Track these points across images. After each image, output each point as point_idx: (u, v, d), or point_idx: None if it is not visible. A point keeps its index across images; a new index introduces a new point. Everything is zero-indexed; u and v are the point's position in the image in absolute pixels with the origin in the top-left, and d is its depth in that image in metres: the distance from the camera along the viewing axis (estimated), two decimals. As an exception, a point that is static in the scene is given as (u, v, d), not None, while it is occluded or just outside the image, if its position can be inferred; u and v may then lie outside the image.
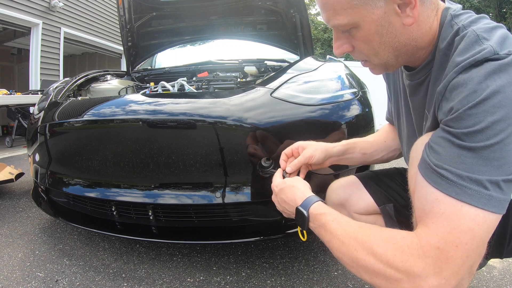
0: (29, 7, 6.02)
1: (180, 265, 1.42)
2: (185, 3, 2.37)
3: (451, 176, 0.50)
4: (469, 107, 0.50)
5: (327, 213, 0.66)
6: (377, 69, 0.69)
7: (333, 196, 1.02)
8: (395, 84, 0.87)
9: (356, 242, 0.57)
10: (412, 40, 0.62)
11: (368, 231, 0.58)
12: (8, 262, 1.44)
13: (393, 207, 0.91)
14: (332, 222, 0.63)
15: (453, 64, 0.56)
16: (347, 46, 0.66)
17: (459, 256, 0.49)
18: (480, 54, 0.52)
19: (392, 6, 0.58)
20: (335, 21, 0.61)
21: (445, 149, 0.52)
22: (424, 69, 0.68)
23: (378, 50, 0.63)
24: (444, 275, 0.49)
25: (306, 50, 2.19)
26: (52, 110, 1.57)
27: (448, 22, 0.62)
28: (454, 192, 0.50)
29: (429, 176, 0.54)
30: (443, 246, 0.49)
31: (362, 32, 0.61)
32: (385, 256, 0.53)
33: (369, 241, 0.56)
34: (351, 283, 1.27)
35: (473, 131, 0.49)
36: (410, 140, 0.84)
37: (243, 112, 1.21)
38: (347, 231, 0.59)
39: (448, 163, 0.51)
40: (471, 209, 0.49)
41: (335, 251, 0.61)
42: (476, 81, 0.50)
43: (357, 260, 0.56)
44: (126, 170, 1.32)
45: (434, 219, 0.51)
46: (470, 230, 0.49)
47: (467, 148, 0.50)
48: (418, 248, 0.51)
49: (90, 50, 8.65)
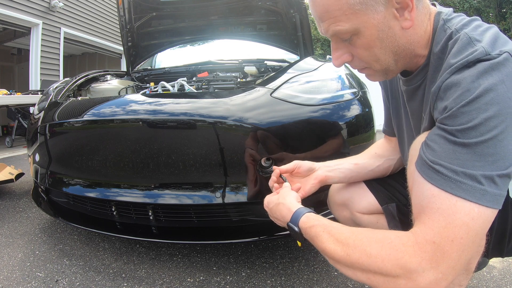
0: (29, 7, 6.02)
1: (180, 265, 1.42)
2: (185, 3, 2.37)
3: (446, 172, 0.52)
4: (463, 105, 0.51)
5: (317, 225, 0.66)
6: (377, 75, 0.69)
7: (335, 195, 1.02)
8: (393, 92, 0.88)
9: (349, 247, 0.58)
10: (410, 43, 0.64)
11: (360, 235, 0.59)
12: (8, 262, 1.44)
13: (395, 206, 0.91)
14: (323, 233, 0.63)
15: (447, 66, 0.57)
16: (347, 56, 0.67)
17: (455, 251, 0.50)
18: (472, 55, 0.54)
19: (391, 10, 0.59)
20: (337, 28, 0.61)
21: (440, 146, 0.53)
22: (419, 73, 0.69)
23: (379, 55, 0.64)
24: (440, 269, 0.50)
25: (306, 50, 2.20)
26: (52, 110, 1.57)
27: (441, 27, 0.63)
28: (449, 187, 0.51)
29: (425, 172, 0.55)
30: (438, 241, 0.50)
31: (363, 39, 0.62)
32: (379, 256, 0.53)
33: (361, 244, 0.57)
34: (351, 283, 1.27)
35: (466, 128, 0.51)
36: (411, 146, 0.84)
37: (244, 112, 1.21)
38: (339, 239, 0.60)
39: (443, 159, 0.52)
40: (466, 203, 0.50)
41: (331, 260, 0.62)
42: (469, 81, 0.52)
43: (352, 264, 0.57)
44: (126, 170, 1.32)
45: (430, 214, 0.52)
46: (465, 225, 0.50)
47: (461, 144, 0.51)
48: (414, 244, 0.52)
49: (90, 50, 8.65)
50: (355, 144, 1.31)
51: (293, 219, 0.71)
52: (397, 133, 0.92)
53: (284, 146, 1.21)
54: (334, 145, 1.27)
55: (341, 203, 1.00)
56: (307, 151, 1.23)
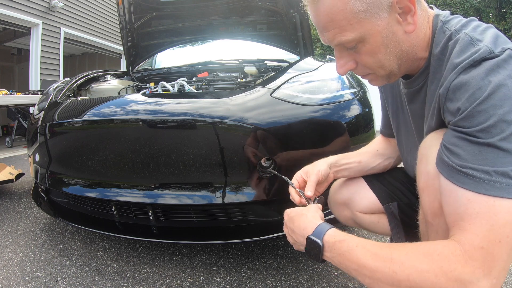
0: (29, 7, 6.02)
1: (180, 265, 1.42)
2: (185, 3, 2.37)
3: (478, 174, 0.51)
4: (478, 103, 0.51)
5: (347, 240, 0.60)
6: (379, 80, 0.70)
7: (336, 194, 1.02)
8: (393, 94, 0.88)
9: (394, 263, 0.53)
10: (413, 47, 0.64)
11: (403, 249, 0.55)
12: (8, 262, 1.44)
13: (397, 205, 0.92)
14: (357, 248, 0.58)
15: (451, 65, 0.57)
16: (351, 64, 0.67)
17: (504, 251, 0.49)
18: (477, 54, 0.54)
19: (394, 16, 0.60)
20: (342, 38, 0.61)
21: (463, 149, 0.53)
22: (420, 76, 0.69)
23: (383, 61, 0.64)
24: (494, 274, 0.49)
25: (306, 50, 2.19)
26: (52, 110, 1.57)
27: (440, 28, 0.64)
28: (483, 188, 0.50)
29: (456, 178, 0.53)
30: (486, 245, 0.49)
31: (368, 46, 0.62)
32: (432, 271, 0.50)
33: (408, 259, 0.53)
34: (351, 283, 1.27)
35: (486, 127, 0.51)
36: (411, 149, 0.85)
37: (244, 112, 1.21)
38: (379, 254, 0.55)
39: (471, 161, 0.52)
40: (504, 201, 0.49)
41: (367, 279, 0.56)
42: (478, 79, 0.52)
43: (399, 283, 0.52)
44: (126, 170, 1.32)
45: (470, 220, 0.51)
46: (508, 223, 0.49)
47: (485, 144, 0.51)
48: (463, 253, 0.50)
49: (90, 50, 8.65)
50: (355, 144, 1.31)
51: (317, 232, 0.64)
52: (396, 135, 0.92)
53: (284, 146, 1.21)
54: (334, 145, 1.27)
55: (341, 203, 1.00)
56: (307, 151, 1.23)
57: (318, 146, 1.25)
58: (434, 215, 0.62)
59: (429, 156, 0.62)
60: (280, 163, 1.19)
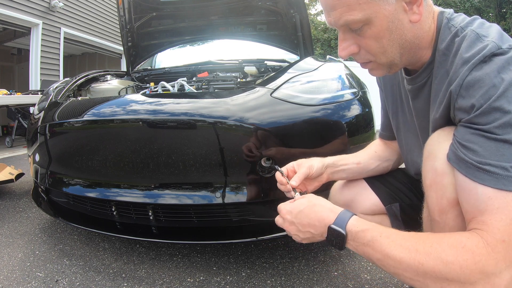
0: (29, 7, 6.02)
1: (180, 265, 1.42)
2: (185, 3, 2.37)
3: (497, 170, 0.52)
4: (493, 100, 0.52)
5: (371, 229, 0.60)
6: (380, 69, 0.69)
7: (338, 196, 1.02)
8: (393, 95, 0.88)
9: (419, 254, 0.54)
10: (416, 38, 0.65)
11: (428, 240, 0.55)
12: (8, 262, 1.44)
13: (399, 206, 0.91)
14: (381, 238, 0.58)
15: (460, 60, 0.58)
16: (354, 47, 0.67)
17: None
18: (486, 49, 0.55)
19: (401, 4, 0.61)
20: (349, 17, 0.61)
21: (481, 146, 0.54)
22: (425, 71, 0.70)
23: (386, 47, 0.64)
24: None
25: (306, 50, 2.20)
26: (52, 110, 1.57)
27: (445, 25, 0.65)
28: (502, 184, 0.52)
29: (474, 175, 0.54)
30: (508, 238, 0.50)
31: (374, 29, 0.62)
32: (457, 262, 0.51)
33: (434, 250, 0.53)
34: (351, 283, 1.27)
35: (503, 123, 0.52)
36: (411, 148, 0.85)
37: (244, 112, 1.21)
38: (404, 245, 0.56)
39: (489, 158, 0.53)
40: None
41: (392, 269, 0.57)
42: (492, 76, 0.53)
43: (425, 274, 0.53)
44: (126, 170, 1.32)
45: (491, 215, 0.52)
46: None
47: (502, 140, 0.52)
48: (486, 245, 0.51)
49: (90, 50, 8.65)
50: (355, 144, 1.31)
51: (339, 221, 0.63)
52: (397, 135, 0.92)
53: (285, 146, 1.21)
54: (334, 145, 1.27)
55: (343, 204, 1.00)
56: (308, 151, 1.22)
57: (318, 146, 1.25)
58: (441, 212, 0.63)
59: (437, 153, 0.62)
60: (280, 163, 1.19)
